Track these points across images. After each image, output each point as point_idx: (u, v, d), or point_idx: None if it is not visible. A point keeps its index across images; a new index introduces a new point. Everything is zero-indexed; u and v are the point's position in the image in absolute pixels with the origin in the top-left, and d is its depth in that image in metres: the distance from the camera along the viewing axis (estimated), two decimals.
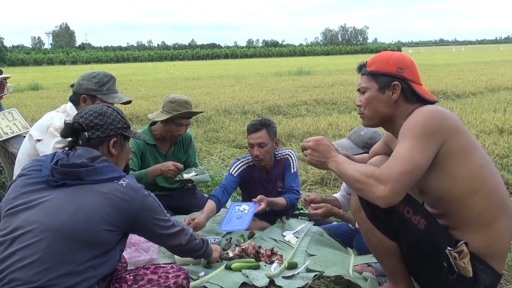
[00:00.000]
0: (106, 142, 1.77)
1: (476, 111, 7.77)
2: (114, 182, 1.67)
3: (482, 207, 1.74)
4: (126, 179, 1.70)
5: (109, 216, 1.62)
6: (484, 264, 1.76)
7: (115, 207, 1.63)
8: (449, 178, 1.74)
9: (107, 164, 1.70)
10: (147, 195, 1.74)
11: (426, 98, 1.87)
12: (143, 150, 3.28)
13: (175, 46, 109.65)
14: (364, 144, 2.65)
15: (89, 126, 1.74)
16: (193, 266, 2.38)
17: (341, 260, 2.48)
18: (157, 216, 1.77)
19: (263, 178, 3.14)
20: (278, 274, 2.28)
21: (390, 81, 1.86)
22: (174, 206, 3.33)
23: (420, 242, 1.76)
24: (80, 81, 2.73)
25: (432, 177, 1.75)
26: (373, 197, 1.69)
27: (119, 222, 1.64)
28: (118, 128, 1.80)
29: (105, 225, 1.60)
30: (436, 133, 1.70)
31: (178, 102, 3.18)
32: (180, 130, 3.23)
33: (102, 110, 1.79)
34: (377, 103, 1.89)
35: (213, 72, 23.88)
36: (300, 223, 3.00)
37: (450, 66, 21.69)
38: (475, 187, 1.73)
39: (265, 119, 3.07)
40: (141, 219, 1.71)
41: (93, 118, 1.76)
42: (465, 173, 1.73)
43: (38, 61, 57.12)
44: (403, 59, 1.89)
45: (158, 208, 1.78)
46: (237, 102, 9.59)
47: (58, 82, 18.31)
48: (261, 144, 2.98)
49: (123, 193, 1.65)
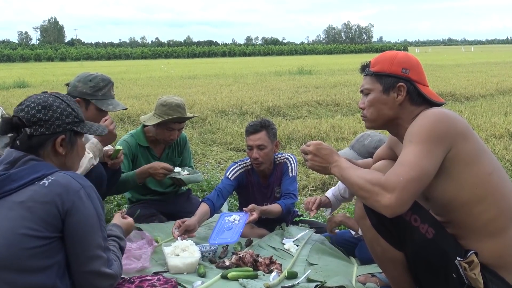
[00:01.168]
0: (51, 141, 1.59)
1: (486, 114, 7.80)
2: (35, 185, 1.48)
3: (490, 215, 1.73)
4: (52, 176, 1.50)
5: (32, 230, 1.44)
6: (495, 275, 1.76)
7: (38, 215, 1.45)
8: (455, 185, 1.73)
9: (30, 165, 1.52)
10: (85, 197, 1.52)
11: (432, 100, 1.86)
12: (135, 152, 3.27)
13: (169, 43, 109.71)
14: (369, 154, 2.60)
15: (31, 122, 1.56)
16: (187, 275, 2.37)
17: (344, 269, 2.48)
18: (88, 229, 1.52)
19: (260, 183, 3.14)
20: (277, 284, 2.27)
21: (395, 82, 1.84)
22: (168, 212, 3.33)
23: (428, 252, 1.76)
24: (75, 83, 2.73)
25: (438, 183, 1.75)
26: (379, 206, 1.68)
27: (50, 231, 1.46)
28: (67, 124, 1.62)
29: (30, 243, 1.43)
30: (443, 137, 1.69)
31: (170, 106, 3.16)
32: (172, 135, 3.22)
33: (47, 103, 1.60)
34: (381, 106, 1.87)
35: (210, 70, 23.91)
36: (301, 230, 3.00)
37: (458, 67, 21.77)
38: (483, 195, 1.73)
39: (265, 120, 3.07)
40: (68, 225, 1.49)
41: (36, 112, 1.57)
42: (473, 180, 1.72)
43: (25, 57, 57.06)
44: (408, 59, 1.88)
45: (94, 220, 1.53)
46: (234, 103, 9.60)
47: (46, 80, 18.31)
48: (260, 146, 2.98)
49: (44, 195, 1.46)
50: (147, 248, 2.59)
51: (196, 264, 2.43)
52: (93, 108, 2.71)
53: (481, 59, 31.10)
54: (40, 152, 1.59)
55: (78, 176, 1.57)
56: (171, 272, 2.37)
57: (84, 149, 1.80)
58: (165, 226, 3.07)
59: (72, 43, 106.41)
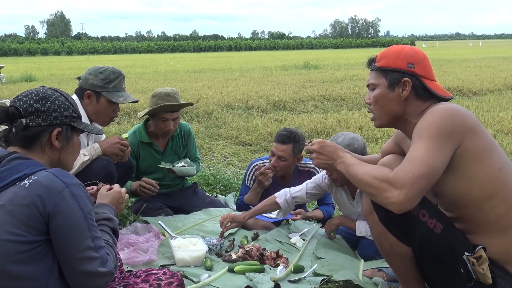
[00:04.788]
0: (47, 132, 1.54)
1: (494, 109, 7.75)
2: (15, 186, 1.41)
3: (500, 211, 1.72)
4: (34, 176, 1.43)
5: (15, 235, 1.37)
6: (503, 271, 1.75)
7: (19, 219, 1.38)
8: (465, 181, 1.72)
9: (13, 165, 1.45)
10: (68, 197, 1.43)
11: (439, 95, 1.85)
12: (136, 151, 3.26)
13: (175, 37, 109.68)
14: None
15: (28, 112, 1.52)
16: (194, 268, 2.39)
17: (350, 264, 2.48)
18: (74, 232, 1.43)
19: (278, 183, 3.14)
20: (284, 278, 2.28)
21: (400, 77, 1.83)
22: (174, 205, 3.34)
23: (436, 247, 1.76)
24: (86, 75, 2.74)
25: (447, 179, 1.74)
26: (387, 202, 1.68)
27: (33, 235, 1.40)
28: (64, 117, 1.57)
29: (14, 248, 1.37)
30: (453, 133, 1.68)
31: (159, 96, 3.16)
32: (167, 126, 3.18)
33: (46, 94, 1.56)
34: (387, 101, 1.86)
35: (216, 65, 23.86)
36: (307, 225, 3.00)
37: (466, 62, 21.60)
38: (493, 191, 1.72)
39: (296, 133, 3.02)
40: (52, 228, 1.42)
41: (34, 102, 1.53)
42: (482, 176, 1.71)
43: (32, 51, 57.21)
44: (414, 54, 1.86)
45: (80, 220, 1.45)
46: (240, 97, 9.58)
47: (52, 74, 18.35)
48: (282, 157, 3.00)
49: (23, 197, 1.39)
50: (154, 241, 2.60)
51: (203, 257, 2.44)
52: (104, 101, 2.71)
53: (489, 53, 30.82)
54: (35, 145, 1.55)
55: (63, 174, 1.48)
56: (178, 265, 2.39)
57: (80, 149, 1.74)
58: (172, 219, 3.08)
59: (78, 37, 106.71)
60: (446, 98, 1.86)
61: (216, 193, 3.98)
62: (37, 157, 1.55)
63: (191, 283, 2.18)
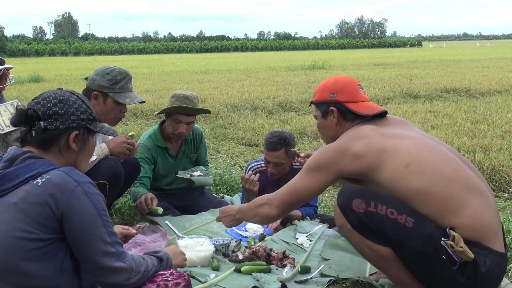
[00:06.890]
0: (65, 135, 1.57)
1: (502, 110, 7.69)
2: (28, 184, 1.43)
3: (441, 198, 1.81)
4: (46, 175, 1.45)
5: (28, 232, 1.40)
6: (479, 246, 1.79)
7: (32, 217, 1.40)
8: (383, 186, 1.90)
9: (27, 163, 1.48)
10: (81, 195, 1.45)
11: (364, 114, 2.09)
12: (154, 156, 3.25)
13: (182, 38, 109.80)
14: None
15: (46, 115, 1.54)
16: (201, 268, 2.39)
17: (357, 265, 2.47)
18: (90, 228, 1.46)
19: (273, 183, 3.16)
20: (291, 278, 2.28)
21: (327, 107, 2.16)
22: (182, 206, 3.35)
23: (412, 240, 1.81)
24: (93, 76, 2.75)
25: (375, 187, 1.93)
26: (264, 212, 2.12)
27: (45, 233, 1.42)
28: (81, 120, 1.61)
29: (27, 246, 1.39)
30: (325, 166, 1.99)
31: (177, 97, 3.15)
32: (179, 128, 3.15)
33: (64, 97, 1.59)
34: (325, 128, 2.21)
35: (222, 65, 23.91)
36: (314, 225, 3.00)
37: (474, 62, 21.46)
38: (415, 186, 1.83)
39: (285, 136, 3.03)
40: (68, 227, 1.45)
41: (52, 105, 1.56)
42: (391, 178, 1.87)
43: (40, 51, 57.66)
44: (335, 84, 2.17)
45: (95, 217, 1.47)
46: (246, 98, 9.59)
47: (60, 74, 18.48)
48: (277, 163, 3.04)
49: (36, 195, 1.41)
50: (161, 241, 2.61)
51: (210, 257, 2.45)
52: (111, 101, 2.72)
53: (497, 54, 30.61)
54: (52, 147, 1.57)
55: (74, 173, 1.51)
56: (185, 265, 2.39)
57: (93, 150, 1.76)
58: (179, 219, 3.09)
59: (85, 37, 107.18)
60: (370, 115, 2.09)
61: (222, 194, 3.99)
62: (53, 158, 1.57)
63: (198, 283, 2.18)
